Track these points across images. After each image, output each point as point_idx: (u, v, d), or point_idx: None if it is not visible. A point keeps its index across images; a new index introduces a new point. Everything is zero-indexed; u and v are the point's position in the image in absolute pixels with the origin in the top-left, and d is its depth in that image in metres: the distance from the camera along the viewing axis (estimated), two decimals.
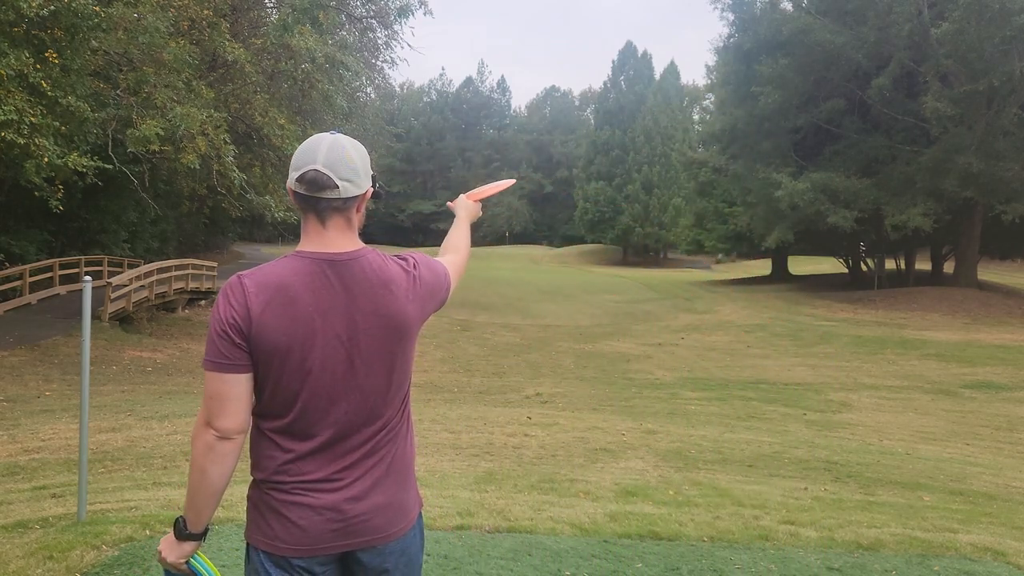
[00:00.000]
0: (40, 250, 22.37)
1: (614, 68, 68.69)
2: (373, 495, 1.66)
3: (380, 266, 1.67)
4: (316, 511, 1.62)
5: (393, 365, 1.67)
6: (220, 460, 1.60)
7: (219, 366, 1.57)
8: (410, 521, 1.74)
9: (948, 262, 35.75)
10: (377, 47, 29.75)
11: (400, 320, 1.66)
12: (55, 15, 12.99)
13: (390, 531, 1.69)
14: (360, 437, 1.65)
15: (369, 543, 1.66)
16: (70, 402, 10.89)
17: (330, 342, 1.59)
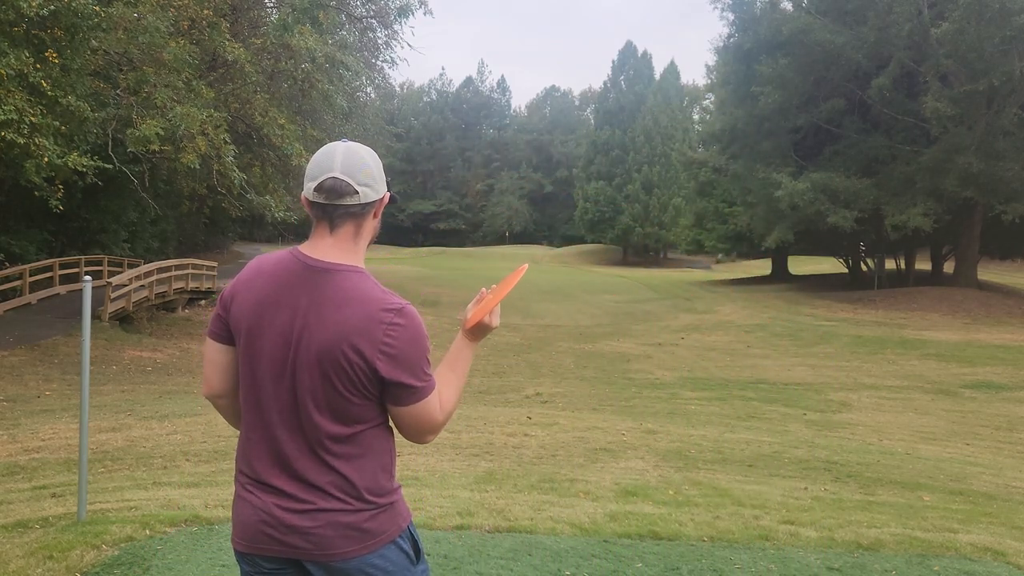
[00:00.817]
0: (40, 250, 22.37)
1: (614, 68, 68.70)
2: (311, 511, 1.59)
3: (354, 287, 1.59)
4: (253, 509, 1.63)
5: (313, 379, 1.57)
6: (223, 414, 1.81)
7: (209, 333, 1.73)
8: (375, 543, 1.62)
9: (948, 262, 35.75)
10: (377, 47, 29.77)
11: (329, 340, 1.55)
12: (55, 15, 13.00)
13: (338, 550, 1.59)
14: (299, 444, 1.60)
15: (311, 556, 1.60)
16: (70, 402, 10.89)
17: (275, 339, 1.59)
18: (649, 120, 62.24)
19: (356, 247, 1.65)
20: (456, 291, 33.78)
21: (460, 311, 1.97)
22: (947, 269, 35.38)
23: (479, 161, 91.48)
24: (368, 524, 1.61)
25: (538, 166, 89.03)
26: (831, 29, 30.02)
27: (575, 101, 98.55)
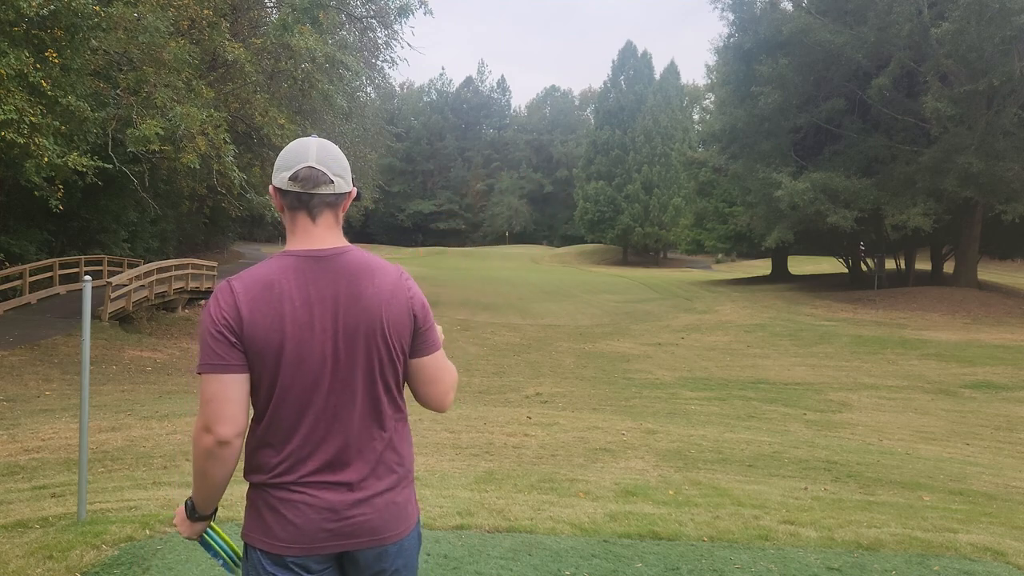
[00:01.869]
0: (40, 250, 22.37)
1: (614, 68, 68.67)
2: (372, 496, 1.66)
3: (366, 259, 1.69)
4: (314, 510, 1.62)
5: (372, 357, 1.65)
6: (222, 464, 1.63)
7: (216, 368, 1.57)
8: (410, 525, 1.73)
9: (948, 262, 35.73)
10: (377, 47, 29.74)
11: (376, 310, 1.63)
12: (55, 15, 12.99)
13: (388, 533, 1.69)
14: (366, 429, 1.67)
15: (366, 544, 1.66)
16: (70, 402, 10.89)
17: (324, 336, 1.61)
18: (649, 120, 62.22)
19: (338, 232, 1.71)
20: (456, 291, 33.78)
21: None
22: (947, 269, 35.37)
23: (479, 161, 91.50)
24: (408, 500, 1.75)
25: (538, 166, 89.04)
26: (831, 29, 30.01)
27: (575, 101, 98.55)
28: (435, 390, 1.75)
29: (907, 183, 30.10)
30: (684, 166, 50.19)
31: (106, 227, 25.95)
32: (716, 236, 53.35)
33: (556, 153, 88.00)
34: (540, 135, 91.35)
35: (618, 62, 68.54)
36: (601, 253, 68.50)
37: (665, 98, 63.37)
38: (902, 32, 28.33)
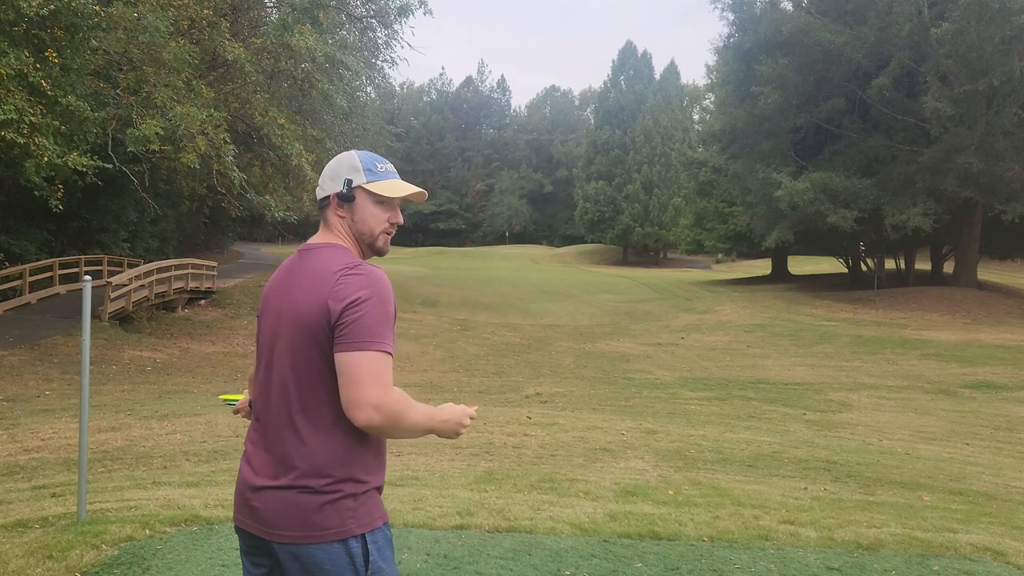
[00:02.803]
0: (40, 250, 22.37)
1: (614, 68, 68.64)
2: (266, 488, 1.68)
3: (326, 254, 1.75)
4: (240, 476, 1.78)
5: (293, 347, 1.69)
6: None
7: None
8: (319, 537, 1.63)
9: (948, 262, 35.72)
10: (377, 47, 29.76)
11: (299, 301, 1.70)
12: (55, 14, 12.99)
13: (279, 532, 1.65)
14: (273, 420, 1.72)
15: (263, 533, 1.69)
16: (70, 401, 10.90)
17: (268, 317, 1.78)
18: (649, 120, 62.20)
19: (333, 235, 1.81)
20: (456, 291, 33.78)
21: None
22: (947, 269, 35.36)
23: (479, 161, 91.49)
24: (323, 512, 1.64)
25: (538, 166, 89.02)
26: (831, 29, 30.01)
27: (575, 101, 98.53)
28: (346, 395, 1.62)
29: (907, 183, 30.10)
30: (684, 166, 50.18)
31: (106, 227, 25.94)
32: (716, 236, 53.34)
33: (556, 153, 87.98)
34: (540, 135, 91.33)
35: (618, 62, 68.53)
36: (601, 253, 68.49)
37: (665, 98, 63.35)
38: (902, 32, 28.33)
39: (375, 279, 1.67)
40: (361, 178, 1.79)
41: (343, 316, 1.63)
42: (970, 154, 27.16)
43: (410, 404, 1.66)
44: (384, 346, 1.64)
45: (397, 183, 1.83)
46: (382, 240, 1.83)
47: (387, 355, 1.64)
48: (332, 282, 1.66)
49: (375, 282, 1.67)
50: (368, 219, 1.80)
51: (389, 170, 1.84)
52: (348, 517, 1.65)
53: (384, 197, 1.79)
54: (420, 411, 1.68)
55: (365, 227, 1.80)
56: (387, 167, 1.84)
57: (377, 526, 1.70)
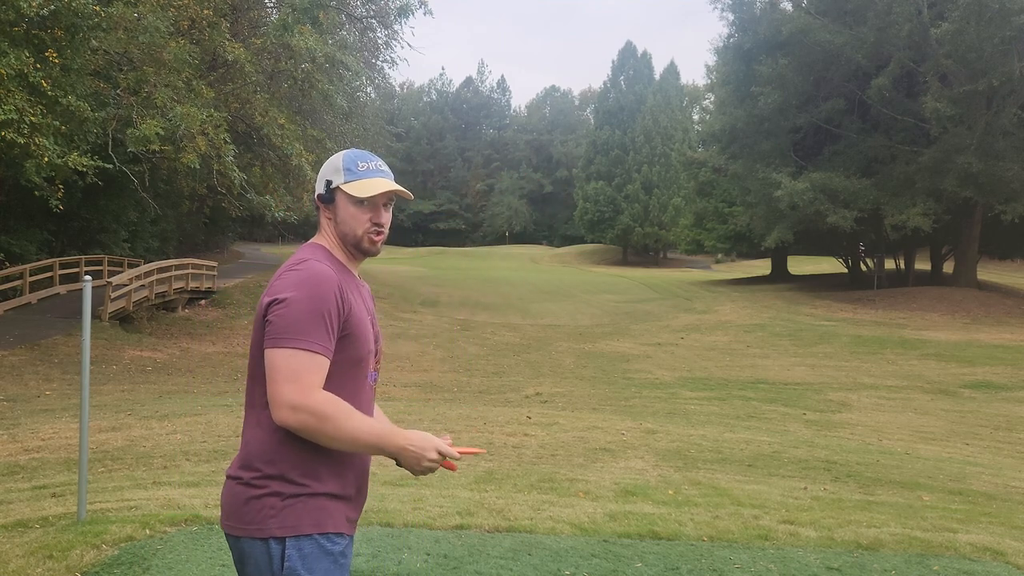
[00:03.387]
0: (40, 250, 22.37)
1: (614, 68, 68.65)
2: (227, 475, 1.74)
3: (292, 256, 1.77)
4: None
5: (253, 351, 1.71)
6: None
7: None
8: (247, 531, 1.63)
9: (948, 262, 35.73)
10: (377, 47, 29.76)
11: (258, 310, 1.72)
12: (55, 15, 12.99)
13: (223, 520, 1.71)
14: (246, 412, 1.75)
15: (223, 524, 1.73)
16: (70, 401, 10.89)
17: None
18: (649, 120, 62.20)
19: (322, 235, 1.81)
20: (456, 291, 33.78)
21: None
22: (947, 269, 35.37)
23: (479, 161, 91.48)
24: (251, 505, 1.63)
25: (538, 166, 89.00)
26: (831, 29, 30.02)
27: (575, 101, 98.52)
28: (267, 392, 1.59)
29: (907, 183, 30.11)
30: (684, 166, 50.16)
31: (106, 227, 25.94)
32: (716, 236, 53.32)
33: (556, 153, 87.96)
34: (540, 135, 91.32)
35: (618, 62, 68.54)
36: (601, 253, 68.48)
37: (665, 98, 63.34)
38: (902, 32, 28.34)
39: (309, 276, 1.62)
40: (340, 178, 1.76)
41: (268, 311, 1.62)
42: (970, 154, 27.17)
43: (343, 412, 1.57)
44: (305, 343, 1.57)
45: (372, 182, 1.75)
46: (367, 241, 1.77)
47: (309, 353, 1.57)
48: (276, 277, 1.69)
49: (308, 279, 1.62)
50: (348, 220, 1.76)
51: (372, 168, 1.77)
52: (269, 516, 1.61)
53: (358, 198, 1.74)
54: (361, 424, 1.59)
55: (347, 228, 1.76)
56: (371, 165, 1.77)
57: (304, 533, 1.60)
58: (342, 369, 1.67)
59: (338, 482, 1.67)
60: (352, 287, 1.74)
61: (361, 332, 1.70)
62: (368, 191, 1.74)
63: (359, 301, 1.75)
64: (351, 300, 1.69)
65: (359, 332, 1.70)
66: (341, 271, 1.73)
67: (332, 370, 1.64)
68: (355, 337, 1.68)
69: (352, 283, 1.76)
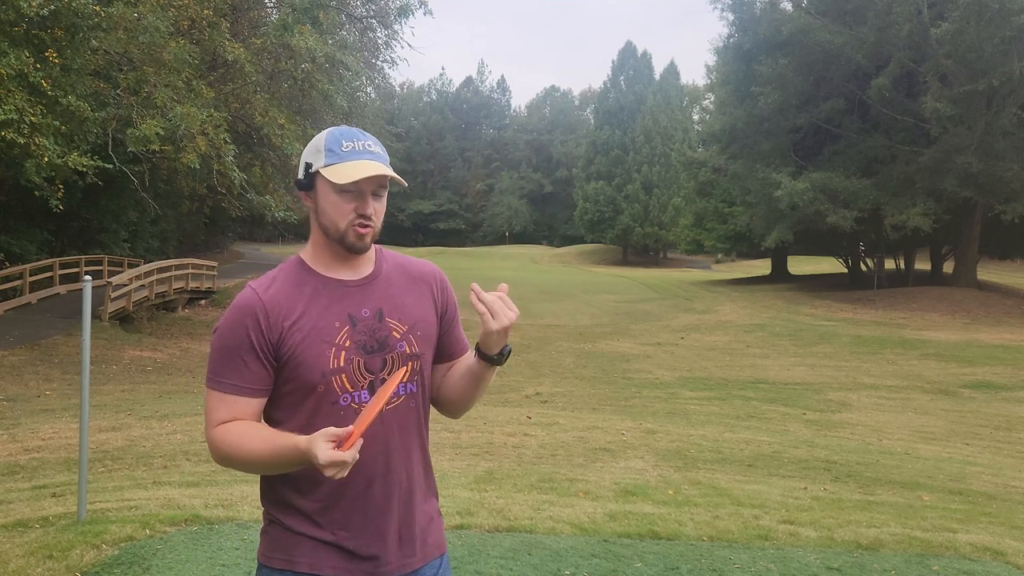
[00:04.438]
0: (40, 250, 22.37)
1: (614, 68, 68.63)
2: None
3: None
4: None
5: None
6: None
7: None
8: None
9: (948, 262, 35.73)
10: (377, 47, 29.76)
11: None
12: (55, 15, 12.99)
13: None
14: None
15: None
16: (70, 401, 10.89)
17: None
18: (649, 120, 62.19)
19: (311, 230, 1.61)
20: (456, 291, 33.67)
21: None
22: (947, 269, 35.37)
23: (479, 161, 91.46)
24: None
25: (538, 166, 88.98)
26: (831, 29, 30.01)
27: (575, 101, 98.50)
28: None
29: (907, 183, 30.11)
30: (684, 166, 50.16)
31: (106, 227, 25.95)
32: (716, 236, 53.31)
33: (556, 153, 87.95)
34: (540, 135, 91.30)
35: (618, 62, 68.52)
36: (601, 253, 68.47)
37: (665, 98, 63.33)
38: (902, 32, 28.34)
39: (229, 309, 1.53)
40: (320, 161, 1.52)
41: None
42: (970, 154, 27.16)
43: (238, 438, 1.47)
44: (211, 382, 1.51)
45: (355, 165, 1.49)
46: (352, 235, 1.52)
47: (215, 392, 1.50)
48: None
49: (226, 313, 1.52)
50: (328, 210, 1.52)
51: (359, 149, 1.51)
52: (262, 540, 1.59)
53: (337, 184, 1.49)
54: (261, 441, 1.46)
55: (327, 219, 1.53)
56: (357, 145, 1.52)
57: (272, 565, 1.53)
58: (292, 396, 1.52)
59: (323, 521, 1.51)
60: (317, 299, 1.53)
61: (304, 356, 1.48)
62: (348, 176, 1.48)
63: (319, 316, 1.52)
64: (290, 322, 1.49)
65: (301, 357, 1.48)
66: (293, 285, 1.54)
67: (283, 401, 1.53)
68: (297, 363, 1.49)
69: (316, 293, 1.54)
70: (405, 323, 1.59)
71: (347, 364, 1.50)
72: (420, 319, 1.63)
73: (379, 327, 1.55)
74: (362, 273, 1.59)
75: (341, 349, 1.50)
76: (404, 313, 1.60)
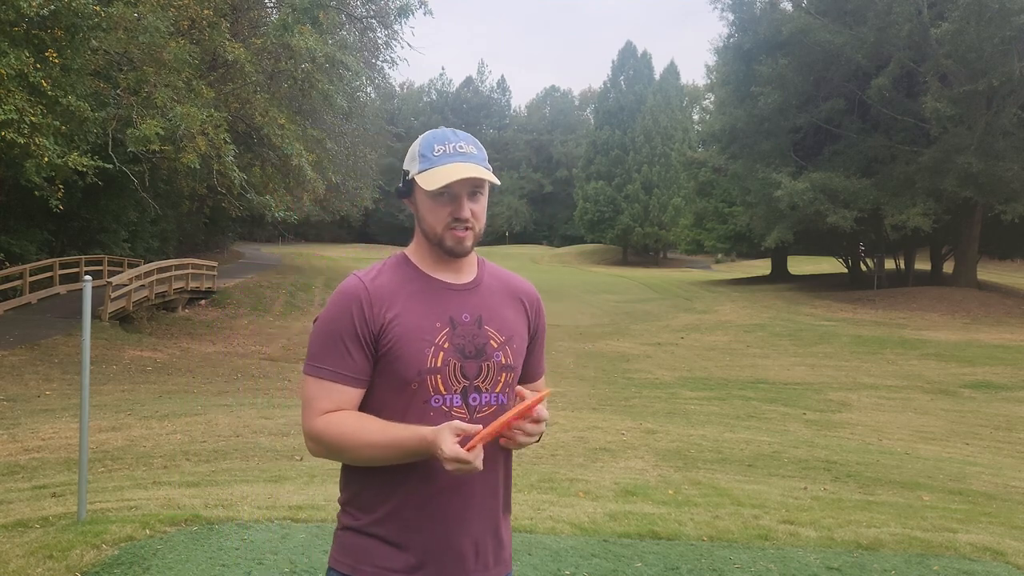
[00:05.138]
0: (40, 250, 22.36)
1: (614, 68, 68.63)
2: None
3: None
4: None
5: None
6: None
7: None
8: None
9: (948, 262, 35.74)
10: (377, 47, 29.76)
11: None
12: (55, 15, 12.99)
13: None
14: None
15: None
16: (70, 401, 10.89)
17: None
18: (649, 120, 62.19)
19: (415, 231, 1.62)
20: None
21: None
22: (947, 269, 35.37)
23: None
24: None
25: (538, 166, 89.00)
26: (831, 29, 30.02)
27: (575, 101, 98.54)
28: None
29: (907, 183, 30.11)
30: (684, 166, 50.16)
31: (106, 227, 25.94)
32: (716, 236, 53.32)
33: (556, 153, 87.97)
34: (540, 135, 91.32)
35: (618, 62, 68.52)
36: (601, 253, 68.48)
37: (665, 98, 63.33)
38: (902, 32, 28.34)
39: (334, 294, 1.52)
40: (415, 167, 1.54)
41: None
42: (970, 154, 27.17)
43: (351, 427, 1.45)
44: (311, 368, 1.48)
45: (445, 169, 1.49)
46: (449, 239, 1.52)
47: (315, 379, 1.47)
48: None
49: (331, 298, 1.52)
50: (426, 215, 1.54)
51: (450, 152, 1.51)
52: (334, 542, 1.56)
53: (428, 190, 1.50)
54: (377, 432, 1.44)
55: (426, 224, 1.55)
56: (448, 148, 1.51)
57: (339, 569, 1.50)
58: (384, 392, 1.50)
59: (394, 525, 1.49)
60: (419, 296, 1.52)
61: (405, 352, 1.47)
62: (437, 181, 1.49)
63: (421, 314, 1.50)
64: (393, 314, 1.48)
65: (401, 352, 1.47)
66: (398, 279, 1.54)
67: (375, 392, 1.50)
68: (395, 356, 1.47)
69: (417, 292, 1.53)
70: (503, 334, 1.57)
71: (444, 366, 1.49)
72: (516, 333, 1.60)
73: (478, 333, 1.53)
74: (464, 278, 1.59)
75: (440, 349, 1.49)
76: (503, 324, 1.58)
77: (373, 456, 1.44)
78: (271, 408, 10.14)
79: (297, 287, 30.30)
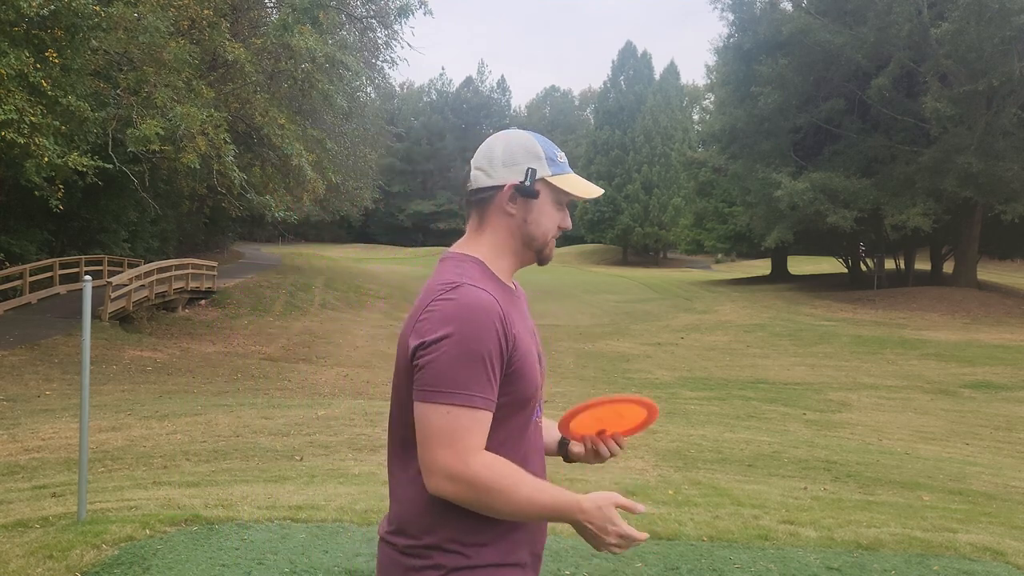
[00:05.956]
0: (40, 250, 22.36)
1: (614, 68, 68.66)
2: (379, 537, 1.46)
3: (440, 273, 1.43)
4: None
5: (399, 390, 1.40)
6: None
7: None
8: None
9: (948, 262, 35.75)
10: (377, 47, 29.78)
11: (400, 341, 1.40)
12: (55, 15, 12.99)
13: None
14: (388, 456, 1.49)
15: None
16: (70, 401, 10.89)
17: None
18: (649, 120, 62.22)
19: (479, 239, 1.50)
20: None
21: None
22: (947, 269, 35.38)
23: None
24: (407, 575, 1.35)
25: None
26: (831, 29, 30.03)
27: (575, 101, 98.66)
28: (419, 456, 1.32)
29: (907, 183, 30.12)
30: (684, 166, 50.18)
31: (106, 227, 25.93)
32: (716, 236, 53.34)
33: None
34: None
35: (618, 62, 68.54)
36: (601, 253, 68.50)
37: (665, 98, 63.35)
38: (902, 32, 28.35)
39: (462, 308, 1.30)
40: (545, 169, 1.45)
41: (416, 357, 1.31)
42: (970, 154, 27.17)
43: (511, 480, 1.29)
44: (461, 397, 1.27)
45: (584, 182, 1.48)
46: (550, 248, 1.49)
47: (468, 409, 1.28)
48: (422, 309, 1.34)
49: (461, 313, 1.30)
50: (544, 220, 1.46)
51: (566, 162, 1.49)
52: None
53: (575, 197, 1.45)
54: (532, 494, 1.29)
55: (539, 230, 1.46)
56: (565, 158, 1.49)
57: None
58: (505, 414, 1.36)
59: (507, 546, 1.37)
60: (515, 308, 1.42)
61: (528, 368, 1.37)
62: (588, 192, 1.46)
63: (524, 326, 1.42)
64: (517, 330, 1.36)
65: (525, 369, 1.36)
66: (501, 291, 1.41)
67: (497, 414, 1.34)
68: (520, 375, 1.36)
69: (513, 302, 1.43)
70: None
71: (542, 379, 1.44)
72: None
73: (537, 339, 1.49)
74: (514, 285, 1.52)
75: (537, 362, 1.42)
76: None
77: (522, 513, 1.31)
78: (271, 408, 10.15)
79: (297, 287, 30.29)
